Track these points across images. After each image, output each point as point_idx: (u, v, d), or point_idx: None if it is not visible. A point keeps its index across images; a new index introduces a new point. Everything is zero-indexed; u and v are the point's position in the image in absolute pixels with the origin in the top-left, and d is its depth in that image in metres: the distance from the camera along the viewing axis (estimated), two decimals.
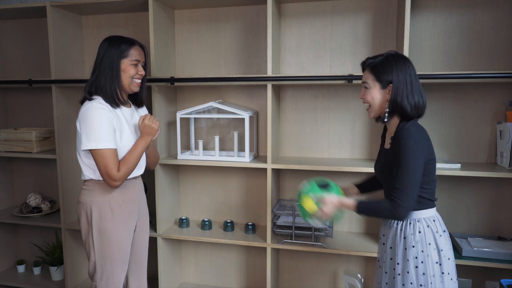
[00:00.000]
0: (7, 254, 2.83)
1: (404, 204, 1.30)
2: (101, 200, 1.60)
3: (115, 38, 1.63)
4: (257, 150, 2.37)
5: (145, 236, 1.82)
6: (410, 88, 1.35)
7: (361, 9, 2.13)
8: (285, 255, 2.42)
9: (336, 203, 1.45)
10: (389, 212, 1.33)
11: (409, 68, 1.36)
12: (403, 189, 1.30)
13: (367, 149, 2.22)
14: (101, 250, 1.60)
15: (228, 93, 2.37)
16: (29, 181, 2.81)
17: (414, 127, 1.35)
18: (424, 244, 1.36)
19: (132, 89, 1.66)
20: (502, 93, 2.02)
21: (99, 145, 1.51)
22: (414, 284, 1.36)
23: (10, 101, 2.78)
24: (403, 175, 1.30)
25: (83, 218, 1.62)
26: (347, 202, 1.45)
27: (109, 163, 1.52)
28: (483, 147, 2.07)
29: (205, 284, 2.58)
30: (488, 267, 2.03)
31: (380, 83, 1.38)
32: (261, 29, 2.28)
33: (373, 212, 1.40)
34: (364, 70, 1.47)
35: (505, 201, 2.08)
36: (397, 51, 1.44)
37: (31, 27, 2.65)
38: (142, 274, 1.83)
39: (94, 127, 1.51)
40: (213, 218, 2.51)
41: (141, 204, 1.77)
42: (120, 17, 2.49)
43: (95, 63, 1.62)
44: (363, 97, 1.44)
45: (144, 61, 1.69)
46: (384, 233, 1.50)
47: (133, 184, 1.72)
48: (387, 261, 1.47)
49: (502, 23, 1.98)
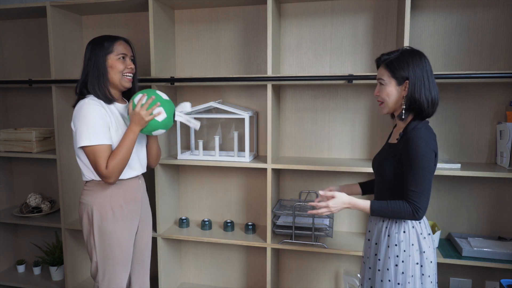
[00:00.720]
0: (7, 254, 2.83)
1: (423, 206, 1.31)
2: (102, 200, 1.60)
3: (98, 38, 1.63)
4: (257, 150, 2.37)
5: (148, 237, 1.81)
6: (428, 84, 1.34)
7: (361, 9, 2.13)
8: (285, 255, 2.42)
9: (347, 203, 1.42)
10: (408, 214, 1.33)
11: (426, 64, 1.35)
12: (420, 191, 1.31)
13: (367, 149, 2.22)
14: (103, 251, 1.60)
15: (228, 93, 2.37)
16: (29, 181, 2.82)
17: (425, 129, 1.35)
18: (407, 244, 1.37)
19: (124, 85, 1.64)
20: (502, 93, 2.02)
21: (93, 141, 1.49)
22: (392, 281, 1.37)
23: (10, 101, 2.78)
24: (419, 177, 1.30)
25: (85, 218, 1.62)
26: (359, 203, 1.41)
27: (98, 159, 1.49)
28: (483, 147, 2.07)
29: (205, 284, 2.58)
30: (488, 267, 2.03)
31: (396, 79, 1.37)
32: (261, 29, 2.28)
33: (390, 214, 1.37)
34: (378, 66, 1.45)
35: (505, 201, 2.08)
36: (412, 47, 1.42)
37: (31, 27, 2.65)
38: (144, 274, 1.82)
39: (87, 124, 1.50)
40: (213, 218, 2.51)
41: (143, 205, 1.77)
42: (120, 17, 2.49)
43: (83, 66, 1.62)
44: (378, 94, 1.43)
45: (132, 55, 1.67)
46: (370, 229, 1.51)
47: (135, 183, 1.70)
48: (371, 256, 1.48)
49: (502, 23, 1.98)
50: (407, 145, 1.32)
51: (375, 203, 1.39)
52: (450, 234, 2.10)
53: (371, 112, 2.19)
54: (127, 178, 1.66)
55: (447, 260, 1.89)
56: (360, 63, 2.16)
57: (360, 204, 1.41)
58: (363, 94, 2.18)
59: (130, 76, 1.67)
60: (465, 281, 2.15)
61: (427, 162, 1.30)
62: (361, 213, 2.25)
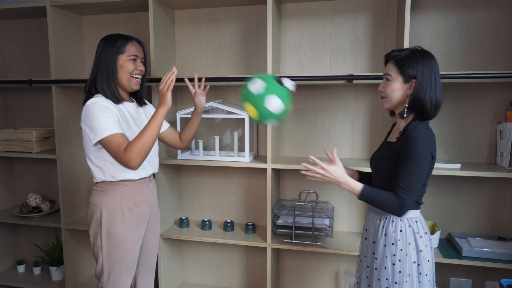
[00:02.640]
0: (7, 254, 2.83)
1: (406, 203, 1.32)
2: (112, 202, 1.58)
3: (112, 36, 1.62)
4: (257, 150, 2.37)
5: (155, 240, 1.79)
6: (434, 86, 1.35)
7: (361, 9, 2.13)
8: (285, 255, 2.42)
9: (341, 177, 1.39)
10: (394, 208, 1.33)
11: (434, 66, 1.36)
12: (407, 189, 1.31)
13: (367, 149, 2.21)
14: (109, 253, 1.58)
15: (228, 93, 2.37)
16: (29, 181, 2.82)
17: (425, 129, 1.35)
18: (404, 243, 1.37)
19: (132, 87, 1.63)
20: (502, 93, 2.02)
21: (105, 133, 1.47)
22: (390, 280, 1.38)
23: (10, 101, 2.78)
24: (409, 176, 1.31)
25: (93, 219, 1.60)
26: (352, 184, 1.39)
27: (116, 146, 1.47)
28: (483, 147, 2.07)
29: (205, 284, 2.58)
30: (488, 267, 2.03)
31: (403, 76, 1.37)
32: (261, 29, 2.28)
33: (376, 202, 1.37)
34: (387, 62, 1.45)
35: (505, 201, 2.08)
36: (422, 48, 1.42)
37: (31, 27, 2.65)
38: (150, 277, 1.81)
39: (97, 120, 1.48)
40: (213, 218, 2.51)
41: (153, 207, 1.74)
42: (120, 17, 2.49)
43: (94, 62, 1.61)
44: (383, 89, 1.43)
45: (143, 57, 1.66)
46: (367, 228, 1.52)
47: (145, 185, 1.68)
48: (368, 255, 1.49)
49: (502, 23, 1.98)
50: (406, 143, 1.33)
51: (367, 187, 1.38)
52: (450, 234, 2.11)
53: (371, 112, 2.19)
54: (138, 179, 1.64)
55: (447, 260, 1.89)
56: (360, 63, 2.16)
57: (352, 184, 1.39)
58: (363, 94, 2.18)
59: (139, 78, 1.65)
60: (465, 281, 2.15)
61: (422, 163, 1.30)
62: (361, 213, 2.25)
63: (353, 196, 2.23)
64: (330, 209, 2.22)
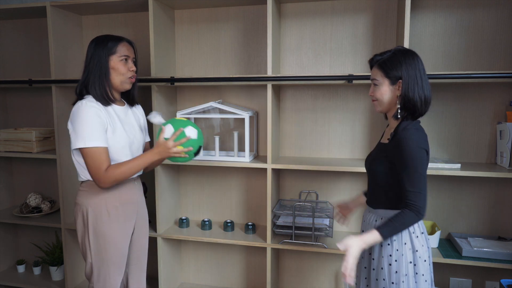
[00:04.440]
0: (7, 254, 2.83)
1: (422, 204, 1.31)
2: (97, 201, 1.58)
3: (102, 37, 1.61)
4: (257, 150, 2.37)
5: (144, 238, 1.80)
6: (421, 83, 1.35)
7: (361, 9, 2.13)
8: (285, 255, 2.42)
9: (361, 245, 1.33)
10: (414, 219, 1.31)
11: (418, 63, 1.36)
12: (418, 191, 1.31)
13: (367, 149, 2.21)
14: (98, 252, 1.59)
15: (228, 93, 2.37)
16: (29, 181, 2.82)
17: (415, 129, 1.35)
18: (400, 243, 1.37)
19: (124, 87, 1.64)
20: (502, 93, 2.02)
21: (88, 143, 1.48)
22: (387, 280, 1.38)
23: (10, 101, 2.78)
24: (415, 177, 1.30)
25: (79, 219, 1.61)
26: (369, 237, 1.33)
27: (95, 162, 1.48)
28: (483, 147, 2.07)
29: (205, 284, 2.58)
30: (488, 267, 2.03)
31: (389, 79, 1.38)
32: (261, 29, 2.28)
33: (399, 228, 1.33)
34: (372, 67, 1.45)
35: (505, 201, 2.08)
36: (404, 47, 1.42)
37: (31, 27, 2.65)
38: (141, 275, 1.82)
39: (83, 126, 1.49)
40: (213, 218, 2.51)
41: (139, 206, 1.75)
42: (120, 17, 2.49)
43: (85, 64, 1.61)
44: (373, 94, 1.44)
45: (134, 57, 1.66)
46: (364, 229, 1.52)
47: (131, 185, 1.70)
48: (365, 256, 1.49)
49: (502, 23, 1.98)
50: (399, 147, 1.33)
51: (380, 228, 1.33)
52: (450, 234, 2.11)
53: (371, 112, 2.19)
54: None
55: (447, 260, 1.89)
56: (360, 63, 2.16)
57: (368, 237, 1.33)
58: (363, 94, 2.18)
59: (132, 78, 1.66)
60: (465, 281, 2.15)
61: (420, 161, 1.31)
62: (360, 213, 2.25)
63: (353, 196, 2.23)
64: (330, 209, 2.22)
